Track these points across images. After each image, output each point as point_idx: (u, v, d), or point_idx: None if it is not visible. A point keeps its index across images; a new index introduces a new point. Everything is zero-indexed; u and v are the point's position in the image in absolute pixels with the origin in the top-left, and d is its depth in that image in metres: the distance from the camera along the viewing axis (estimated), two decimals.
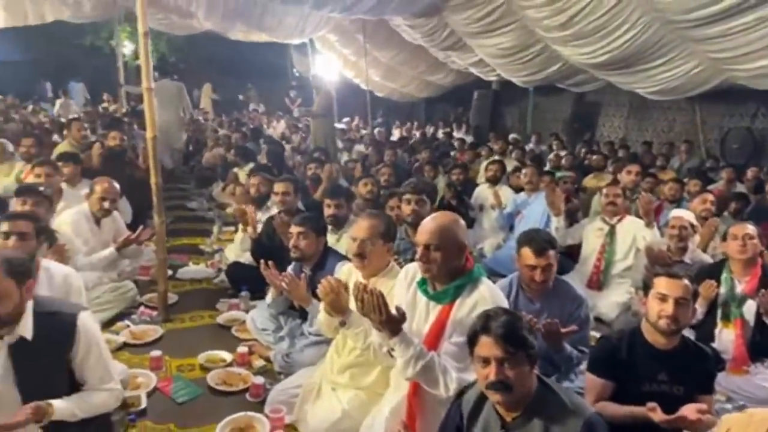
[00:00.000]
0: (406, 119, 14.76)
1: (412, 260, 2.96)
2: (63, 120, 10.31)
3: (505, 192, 5.40)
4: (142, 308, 3.61)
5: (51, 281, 2.56)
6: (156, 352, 3.02)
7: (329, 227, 3.54)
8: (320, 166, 5.69)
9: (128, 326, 3.45)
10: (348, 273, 2.58)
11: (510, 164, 6.57)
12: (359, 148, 9.05)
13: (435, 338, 2.04)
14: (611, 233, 4.05)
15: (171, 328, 3.52)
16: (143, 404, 2.65)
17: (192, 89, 11.37)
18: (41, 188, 3.30)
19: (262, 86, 16.84)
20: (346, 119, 13.58)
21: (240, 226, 4.74)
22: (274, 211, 4.47)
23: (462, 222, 2.14)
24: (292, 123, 12.31)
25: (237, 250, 4.54)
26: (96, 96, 14.37)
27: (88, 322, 2.09)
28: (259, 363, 3.12)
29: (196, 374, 3.02)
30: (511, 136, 10.37)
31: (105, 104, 12.23)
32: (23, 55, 15.86)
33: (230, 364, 3.10)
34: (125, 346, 3.25)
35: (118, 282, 3.72)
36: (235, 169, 6.52)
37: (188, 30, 11.20)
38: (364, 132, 12.67)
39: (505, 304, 2.09)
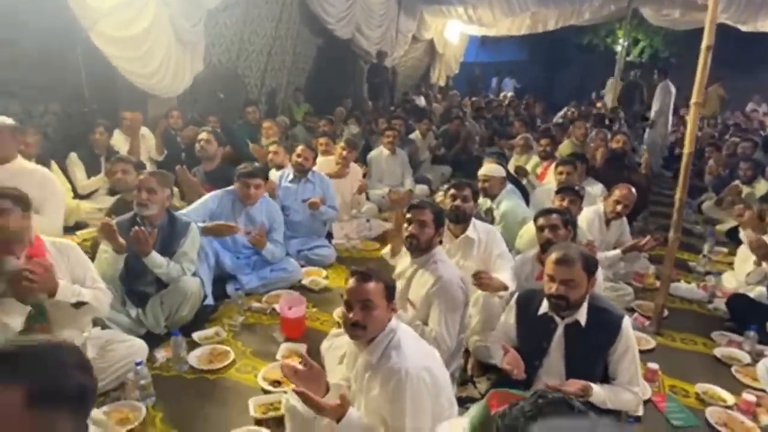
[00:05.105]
0: None
1: None
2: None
3: None
4: (636, 315, 3.72)
5: None
6: (653, 365, 3.07)
7: None
8: None
9: None
10: None
11: None
12: None
13: None
14: None
15: (662, 342, 3.51)
16: (640, 411, 2.76)
17: (682, 85, 10.69)
18: (576, 188, 3.83)
19: (765, 80, 14.19)
20: None
21: (744, 253, 4.22)
22: None
23: None
24: None
25: (741, 280, 4.06)
26: (584, 90, 15.37)
27: (629, 327, 2.32)
28: (767, 420, 2.76)
29: (691, 402, 2.92)
30: None
31: (594, 102, 12.99)
32: (526, 55, 18.59)
33: (730, 407, 2.86)
34: None
35: (615, 282, 3.97)
36: (738, 183, 5.78)
37: (689, 25, 10.57)
38: None
39: None
